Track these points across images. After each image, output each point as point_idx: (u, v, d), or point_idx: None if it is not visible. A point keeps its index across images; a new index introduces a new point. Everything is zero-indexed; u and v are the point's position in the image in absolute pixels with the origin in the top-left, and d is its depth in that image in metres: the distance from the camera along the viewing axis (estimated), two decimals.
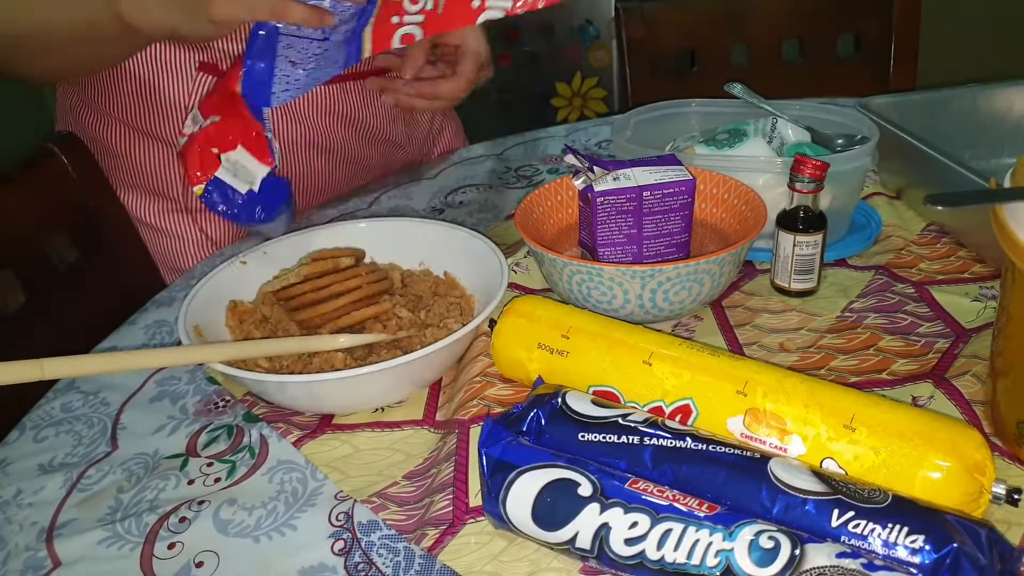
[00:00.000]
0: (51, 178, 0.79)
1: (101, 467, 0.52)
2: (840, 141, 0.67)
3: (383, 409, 0.54)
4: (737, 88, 0.74)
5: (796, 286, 0.59)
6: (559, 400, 0.43)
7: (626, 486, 0.36)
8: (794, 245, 0.58)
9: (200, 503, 0.48)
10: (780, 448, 0.40)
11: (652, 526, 0.34)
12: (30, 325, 0.72)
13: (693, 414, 0.43)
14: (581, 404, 0.42)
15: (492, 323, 0.53)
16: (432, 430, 0.52)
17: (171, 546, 0.45)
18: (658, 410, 0.44)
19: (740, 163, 0.63)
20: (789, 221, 0.58)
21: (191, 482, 0.50)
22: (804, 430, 0.40)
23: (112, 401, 0.59)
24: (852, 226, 0.67)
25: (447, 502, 0.44)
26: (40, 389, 0.61)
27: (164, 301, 0.72)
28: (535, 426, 0.42)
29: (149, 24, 0.61)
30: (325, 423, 0.53)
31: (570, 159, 0.55)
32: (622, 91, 1.15)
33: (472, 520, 0.43)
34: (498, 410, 0.50)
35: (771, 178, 0.63)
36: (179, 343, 0.54)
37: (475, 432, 0.49)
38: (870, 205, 0.70)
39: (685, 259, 0.51)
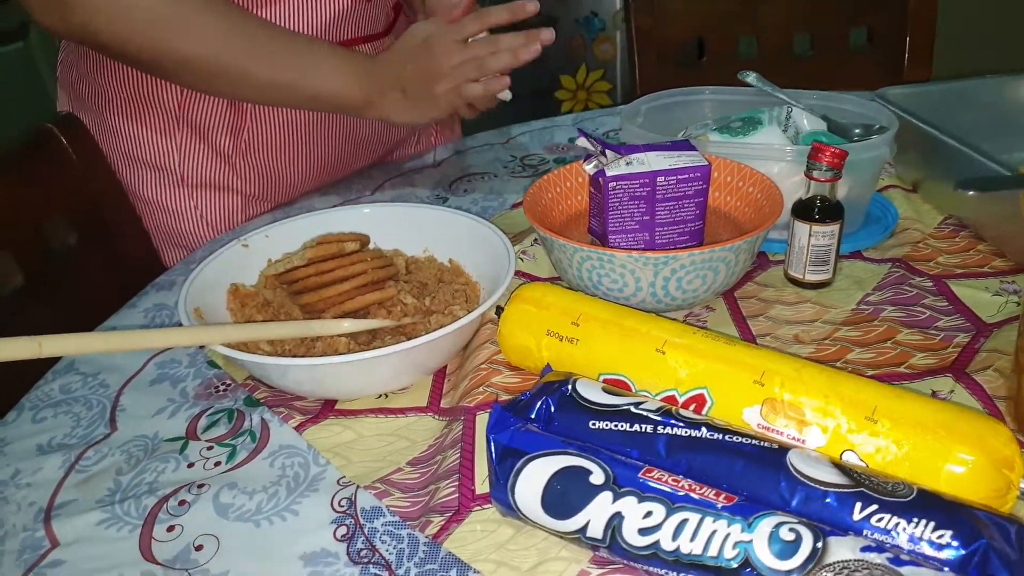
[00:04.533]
0: (51, 160, 0.78)
1: (100, 449, 0.51)
2: (857, 131, 0.66)
3: (387, 396, 0.53)
4: (751, 76, 0.73)
5: (811, 277, 0.58)
6: (569, 387, 0.42)
7: (640, 475, 0.35)
8: (810, 235, 0.56)
9: (200, 486, 0.47)
10: (798, 439, 0.39)
11: (667, 516, 0.33)
12: (28, 308, 0.71)
13: (708, 404, 0.42)
14: (592, 392, 0.41)
15: (499, 310, 0.52)
16: (437, 417, 0.51)
17: (170, 529, 0.44)
18: (671, 399, 0.43)
19: (755, 151, 0.62)
20: (805, 211, 0.56)
21: (191, 465, 0.49)
22: (823, 421, 0.38)
23: (111, 383, 0.57)
24: (867, 218, 0.66)
25: (452, 489, 0.43)
26: (39, 369, 0.60)
27: (164, 284, 0.71)
28: (544, 413, 0.41)
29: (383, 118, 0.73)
30: (327, 408, 0.52)
31: (582, 142, 0.54)
32: (629, 82, 1.13)
33: (479, 507, 0.42)
34: (505, 398, 0.49)
35: (786, 167, 0.61)
36: (179, 326, 0.53)
37: (481, 419, 0.48)
38: (886, 197, 0.69)
39: (699, 246, 0.50)
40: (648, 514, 0.33)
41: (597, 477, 0.35)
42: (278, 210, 0.83)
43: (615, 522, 0.34)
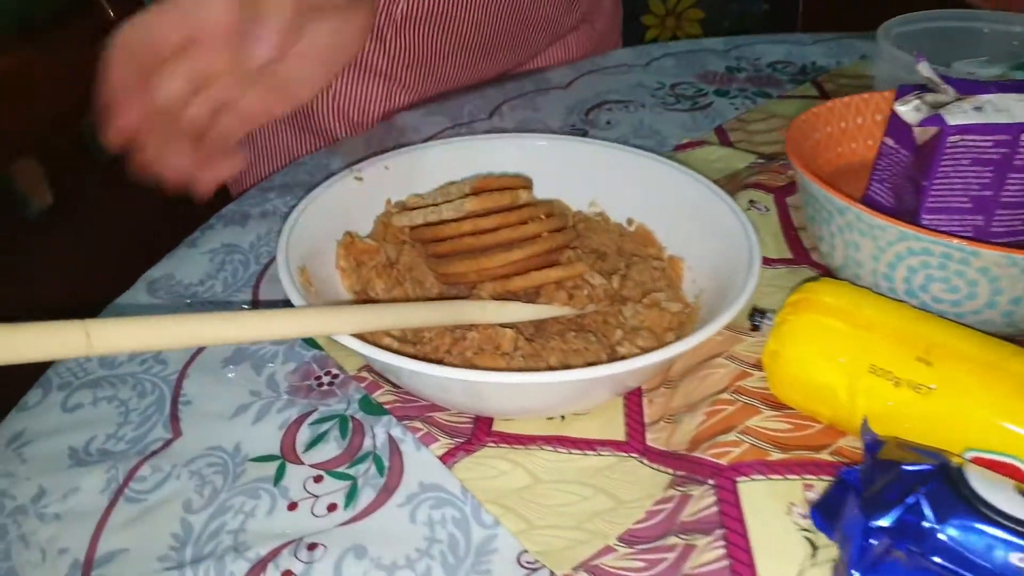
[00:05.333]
0: (93, 37, 0.60)
1: (159, 464, 0.36)
2: None
3: (563, 417, 0.37)
4: None
5: None
6: (955, 480, 0.25)
7: None
8: None
9: (311, 548, 0.31)
10: None
11: None
12: (57, 234, 0.55)
13: None
14: (999, 495, 0.24)
15: (757, 315, 0.35)
16: (647, 462, 0.35)
17: None
18: None
19: None
20: None
21: (292, 507, 0.33)
22: None
23: (170, 359, 0.42)
24: None
25: None
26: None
27: (234, 218, 0.54)
28: (912, 520, 0.25)
29: None
30: (482, 429, 0.36)
31: (924, 68, 0.35)
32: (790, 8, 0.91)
33: None
34: (776, 456, 0.32)
35: None
36: (256, 290, 0.36)
37: (747, 490, 0.31)
38: None
39: None
40: None
41: None
42: (417, 110, 0.66)
43: None
